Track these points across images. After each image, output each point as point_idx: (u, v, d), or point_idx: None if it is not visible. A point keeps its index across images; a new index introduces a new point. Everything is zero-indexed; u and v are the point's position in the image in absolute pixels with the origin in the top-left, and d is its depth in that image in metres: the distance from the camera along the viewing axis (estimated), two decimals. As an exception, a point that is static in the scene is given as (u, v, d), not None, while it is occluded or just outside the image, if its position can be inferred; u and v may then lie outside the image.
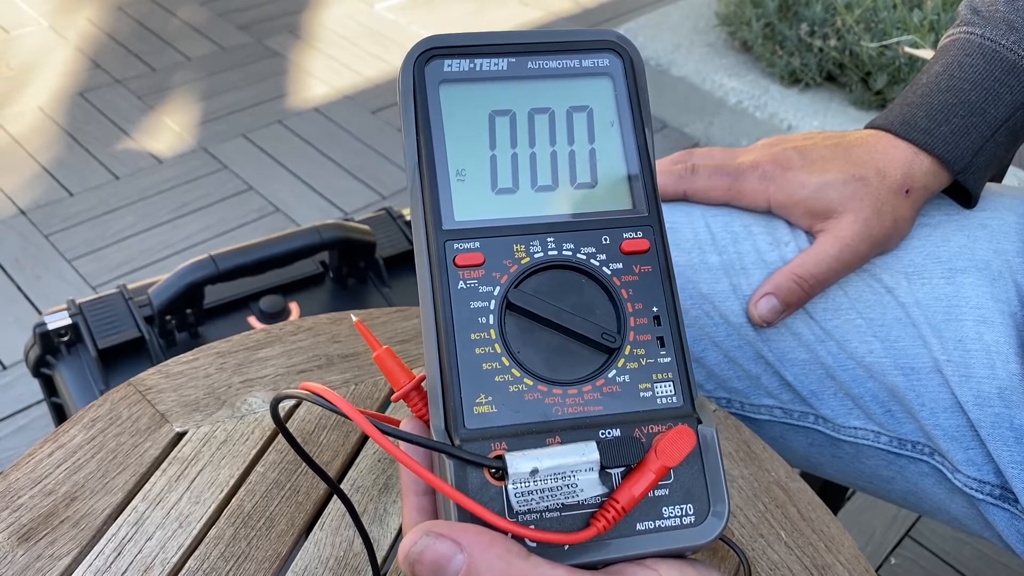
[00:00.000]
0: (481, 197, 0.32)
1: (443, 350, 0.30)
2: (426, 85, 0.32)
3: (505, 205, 0.32)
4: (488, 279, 0.30)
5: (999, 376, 0.51)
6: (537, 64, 0.33)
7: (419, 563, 0.25)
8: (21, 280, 1.57)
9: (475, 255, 0.30)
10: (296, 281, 1.08)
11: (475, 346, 0.30)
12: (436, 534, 0.25)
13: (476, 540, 0.26)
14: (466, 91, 0.33)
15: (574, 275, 0.31)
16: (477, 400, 0.29)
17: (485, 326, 0.30)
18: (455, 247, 0.31)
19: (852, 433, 0.57)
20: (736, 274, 0.56)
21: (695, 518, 0.29)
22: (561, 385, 0.30)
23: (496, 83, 0.33)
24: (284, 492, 0.49)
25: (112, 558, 0.45)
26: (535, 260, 0.31)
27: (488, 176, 0.32)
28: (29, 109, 2.02)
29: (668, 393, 0.31)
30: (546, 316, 0.30)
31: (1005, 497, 0.53)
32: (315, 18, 2.48)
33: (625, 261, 0.32)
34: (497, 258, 0.31)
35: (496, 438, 0.28)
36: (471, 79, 0.33)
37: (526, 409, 0.29)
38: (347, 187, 1.84)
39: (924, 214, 0.57)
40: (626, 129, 0.33)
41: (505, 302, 0.30)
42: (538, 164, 0.33)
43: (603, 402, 0.30)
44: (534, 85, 0.33)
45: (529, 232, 0.31)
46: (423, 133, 0.32)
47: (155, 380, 0.55)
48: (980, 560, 1.21)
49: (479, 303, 0.30)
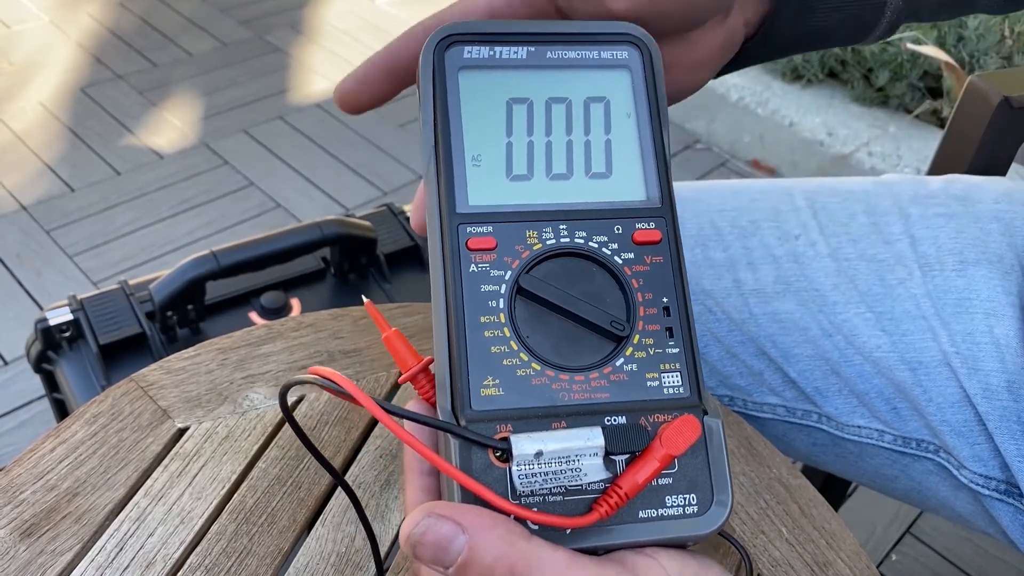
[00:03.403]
0: (496, 183, 0.32)
1: (452, 332, 0.30)
2: (446, 71, 0.32)
3: (519, 192, 0.32)
4: (500, 263, 0.30)
5: (1008, 369, 0.51)
6: (556, 54, 0.34)
7: (421, 544, 0.25)
8: (22, 276, 1.57)
9: (487, 239, 0.31)
10: (297, 277, 1.08)
11: (484, 329, 0.30)
12: (438, 515, 0.25)
13: (478, 521, 0.25)
14: (485, 78, 0.33)
15: (585, 263, 0.31)
16: (484, 382, 0.29)
17: (495, 310, 0.30)
18: (468, 231, 0.31)
19: (856, 432, 0.57)
20: (741, 269, 0.56)
21: (698, 508, 0.29)
22: (568, 371, 0.30)
23: (515, 71, 0.33)
24: (286, 488, 0.49)
25: (114, 554, 0.45)
26: (547, 247, 0.31)
27: (504, 162, 0.32)
28: (30, 105, 2.02)
29: (675, 383, 0.31)
30: (556, 302, 0.30)
31: (1011, 492, 0.53)
32: (316, 13, 2.48)
33: (637, 251, 0.32)
34: (509, 243, 0.31)
35: (502, 420, 0.29)
36: (490, 66, 0.33)
37: (533, 393, 0.29)
38: (348, 183, 1.84)
39: (939, 204, 0.56)
40: (642, 121, 0.33)
41: (516, 287, 0.30)
42: (554, 153, 0.33)
43: (610, 389, 0.30)
44: (553, 74, 0.33)
45: (542, 219, 0.31)
46: (441, 118, 0.32)
47: (157, 376, 0.54)
48: (981, 557, 1.21)
49: (490, 287, 0.30)
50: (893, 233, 0.57)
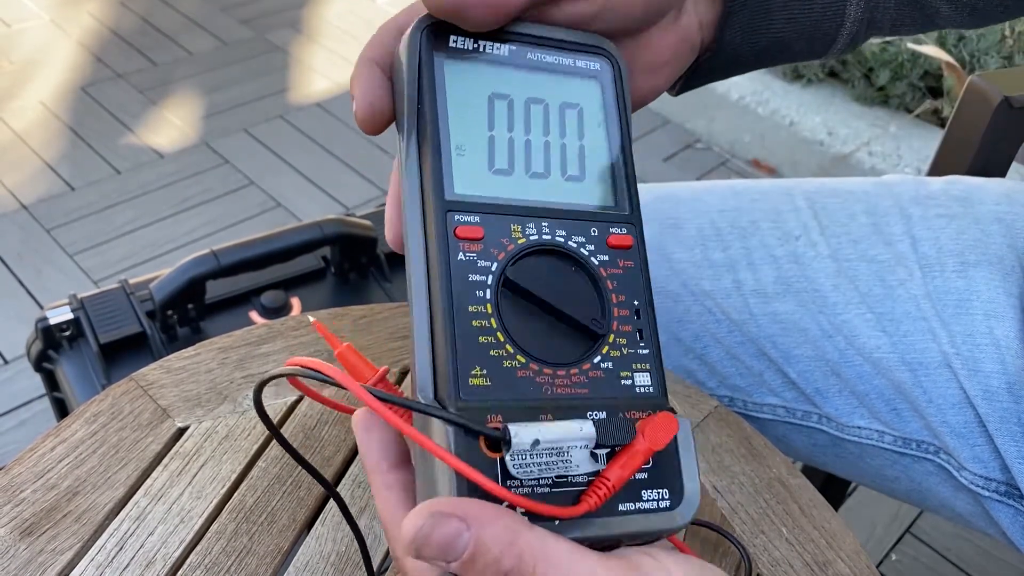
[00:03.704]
0: (478, 174, 0.32)
1: (438, 320, 0.29)
2: (433, 57, 0.32)
3: (501, 185, 0.32)
4: (487, 254, 0.30)
5: (1008, 371, 0.51)
6: (536, 56, 0.34)
7: (426, 546, 0.25)
8: (23, 274, 1.57)
9: (476, 228, 0.30)
10: (298, 276, 1.08)
11: (472, 319, 0.29)
12: (441, 513, 0.25)
13: (482, 514, 0.25)
14: (469, 69, 0.33)
15: (564, 262, 0.32)
16: (473, 372, 0.29)
17: (482, 300, 0.30)
18: (456, 218, 0.30)
19: (856, 433, 0.57)
20: (742, 270, 0.56)
21: (670, 503, 0.30)
22: (551, 366, 0.30)
23: (497, 67, 0.33)
24: (286, 487, 0.49)
25: (114, 553, 0.45)
26: (530, 242, 0.31)
27: (486, 155, 0.32)
28: (31, 104, 2.02)
29: (646, 383, 0.31)
30: (542, 296, 0.30)
31: (1011, 494, 0.53)
32: (317, 13, 2.48)
33: (611, 254, 0.32)
34: (496, 235, 0.31)
35: (491, 411, 0.29)
36: (474, 58, 0.33)
37: (518, 386, 0.29)
38: (349, 182, 1.84)
39: (940, 205, 0.56)
40: (612, 132, 0.34)
41: (502, 279, 0.30)
42: (532, 151, 0.33)
43: (589, 385, 0.30)
44: (532, 76, 0.34)
45: (526, 214, 0.32)
46: (428, 102, 0.31)
47: (157, 375, 0.55)
48: (981, 556, 1.21)
49: (478, 276, 0.30)
50: (894, 234, 0.57)
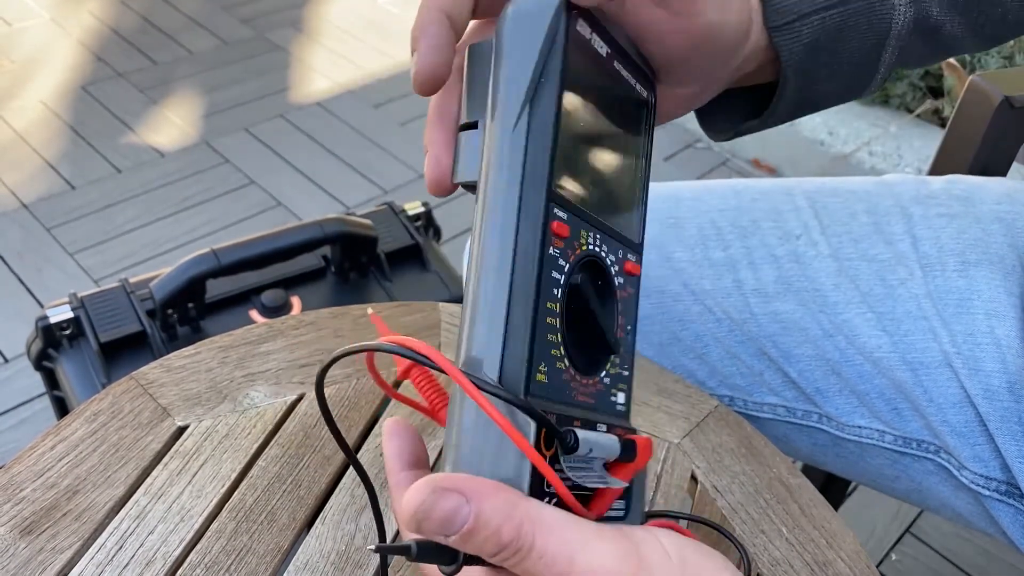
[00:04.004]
0: (571, 171, 0.31)
1: (519, 308, 0.28)
2: (567, 39, 0.29)
3: (573, 190, 0.31)
4: (564, 255, 0.30)
5: (1009, 370, 0.51)
6: (617, 66, 0.33)
7: (427, 520, 0.25)
8: (23, 273, 1.58)
9: (565, 227, 0.30)
10: (298, 275, 1.08)
11: (547, 315, 0.29)
12: (443, 488, 0.25)
13: (481, 489, 0.26)
14: (582, 62, 0.31)
15: (599, 276, 0.32)
16: (539, 367, 0.28)
17: (556, 298, 0.29)
18: (555, 212, 0.29)
19: (857, 432, 0.57)
20: (742, 269, 0.56)
21: (624, 514, 0.31)
22: (580, 373, 0.30)
23: (598, 66, 0.32)
24: (286, 486, 0.49)
25: (114, 551, 0.45)
26: (588, 252, 0.31)
27: (574, 155, 0.31)
28: (31, 103, 2.02)
29: (623, 402, 0.33)
30: (592, 306, 0.31)
31: (1011, 493, 0.53)
32: (317, 12, 2.48)
33: (625, 278, 0.33)
34: (573, 237, 0.30)
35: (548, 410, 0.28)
36: (585, 51, 0.31)
37: (562, 388, 0.29)
38: (349, 181, 1.84)
39: (941, 205, 0.56)
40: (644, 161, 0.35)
41: (570, 282, 0.30)
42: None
43: (595, 397, 0.31)
44: (616, 87, 0.34)
45: (587, 223, 0.31)
46: (548, 86, 0.29)
47: (157, 374, 0.55)
48: (981, 556, 1.21)
49: (556, 274, 0.29)
50: (895, 233, 0.57)
